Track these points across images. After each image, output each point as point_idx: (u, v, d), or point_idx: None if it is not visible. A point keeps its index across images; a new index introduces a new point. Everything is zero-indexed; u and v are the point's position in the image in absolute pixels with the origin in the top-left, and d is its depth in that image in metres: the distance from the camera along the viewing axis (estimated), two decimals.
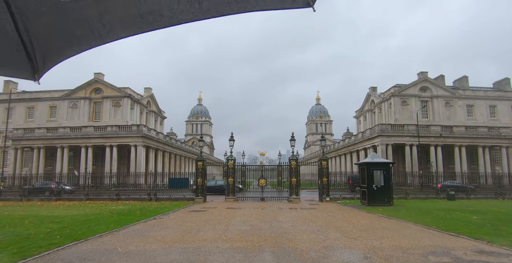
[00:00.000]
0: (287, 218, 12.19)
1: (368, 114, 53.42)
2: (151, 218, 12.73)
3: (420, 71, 45.31)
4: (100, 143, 39.73)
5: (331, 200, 22.00)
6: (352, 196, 23.16)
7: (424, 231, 9.34)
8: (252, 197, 22.53)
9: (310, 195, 27.92)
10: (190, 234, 8.90)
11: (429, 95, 44.71)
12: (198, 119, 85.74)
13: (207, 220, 11.89)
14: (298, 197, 22.14)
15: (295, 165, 22.54)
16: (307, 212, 14.37)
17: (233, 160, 22.59)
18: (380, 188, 17.43)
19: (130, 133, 39.44)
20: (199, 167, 21.99)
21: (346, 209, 16.03)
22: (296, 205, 18.52)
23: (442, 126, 40.62)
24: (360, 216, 13.15)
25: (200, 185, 21.69)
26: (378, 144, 39.73)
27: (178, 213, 14.64)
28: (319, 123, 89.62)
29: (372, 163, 17.72)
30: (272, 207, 17.08)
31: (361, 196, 18.76)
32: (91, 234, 9.00)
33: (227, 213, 14.02)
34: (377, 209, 15.64)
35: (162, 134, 46.14)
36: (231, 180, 22.27)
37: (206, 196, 22.79)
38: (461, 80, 47.89)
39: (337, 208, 16.52)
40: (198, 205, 18.76)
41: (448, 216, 12.90)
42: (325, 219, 12.07)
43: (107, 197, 23.49)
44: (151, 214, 14.14)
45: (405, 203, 19.76)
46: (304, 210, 15.35)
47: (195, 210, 15.56)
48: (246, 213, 14.19)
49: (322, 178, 22.08)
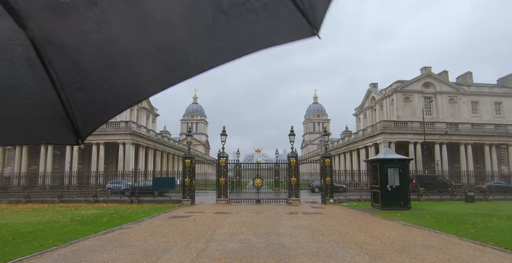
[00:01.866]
0: (289, 229, 9.31)
1: (368, 111, 50.65)
2: (116, 228, 9.80)
3: (423, 66, 42.65)
4: (87, 140, 35.96)
5: (335, 202, 19.17)
6: (358, 198, 20.32)
7: (485, 251, 6.50)
8: (247, 198, 19.62)
9: (310, 196, 25.10)
10: (149, 259, 5.99)
11: (433, 91, 42.06)
12: (193, 118, 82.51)
13: (185, 231, 8.97)
14: (298, 198, 19.27)
15: (295, 162, 19.67)
16: (312, 219, 11.48)
17: (225, 157, 19.68)
18: (396, 188, 14.60)
19: (118, 129, 36.36)
20: (186, 165, 19.06)
21: (358, 214, 13.18)
22: (297, 209, 15.65)
23: (447, 124, 37.99)
24: (380, 224, 10.29)
25: (187, 185, 18.76)
26: (380, 141, 37.00)
27: (154, 220, 11.70)
28: (316, 122, 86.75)
29: (386, 159, 14.88)
30: (269, 211, 14.20)
31: (372, 198, 15.92)
32: (8, 258, 6.08)
33: (213, 221, 11.10)
34: (394, 214, 12.83)
35: (153, 132, 43.08)
36: (223, 180, 19.35)
37: (195, 198, 19.86)
38: (465, 77, 45.29)
39: (346, 213, 13.66)
40: (184, 209, 15.83)
41: (490, 225, 10.08)
42: (338, 230, 9.19)
43: (84, 199, 20.47)
44: (119, 221, 11.20)
45: (420, 205, 16.95)
46: (308, 216, 12.47)
47: (176, 216, 12.63)
48: (237, 220, 11.28)
49: (325, 177, 19.23)
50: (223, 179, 19.33)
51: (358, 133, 43.80)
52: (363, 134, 41.34)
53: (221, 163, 19.47)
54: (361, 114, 53.08)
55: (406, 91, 41.64)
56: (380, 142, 37.13)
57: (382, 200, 14.65)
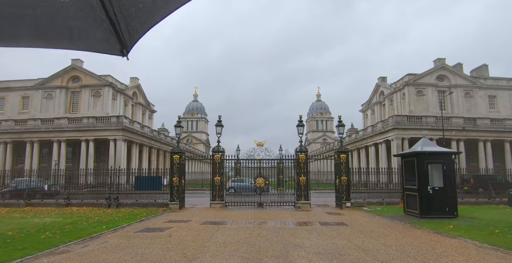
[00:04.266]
0: (310, 256, 5.76)
1: (376, 107, 46.91)
2: (45, 252, 6.27)
3: (437, 58, 38.94)
4: (74, 136, 33.20)
5: (352, 205, 15.57)
6: (380, 200, 16.70)
7: None
8: (247, 201, 16.06)
9: (318, 198, 21.40)
10: None
11: (447, 84, 38.33)
12: (193, 116, 78.85)
13: (143, 261, 5.43)
14: (308, 201, 15.69)
15: (304, 158, 16.10)
16: (338, 236, 7.88)
17: (220, 153, 16.12)
18: (439, 190, 10.99)
19: (109, 125, 32.87)
20: (175, 161, 15.52)
21: (395, 226, 9.56)
22: (309, 215, 12.06)
23: (464, 119, 34.30)
24: (442, 245, 6.68)
25: (176, 185, 15.21)
26: (392, 138, 33.34)
27: (113, 236, 8.14)
28: (319, 120, 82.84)
29: (427, 153, 11.26)
30: (275, 220, 10.62)
31: (405, 202, 12.30)
32: None
33: (196, 238, 7.53)
34: (444, 226, 9.24)
35: (148, 128, 39.53)
36: (218, 179, 15.77)
37: (185, 200, 16.31)
38: (480, 70, 41.51)
39: (377, 223, 10.03)
40: (167, 216, 12.28)
41: None
42: (393, 260, 5.61)
43: (54, 202, 16.95)
44: (63, 238, 7.65)
45: (460, 211, 13.32)
46: (329, 229, 8.88)
47: (149, 229, 9.05)
48: (231, 237, 7.69)
49: (341, 176, 15.63)
50: (218, 178, 15.75)
51: (367, 129, 40.10)
52: (372, 130, 37.68)
53: (216, 159, 15.90)
54: (369, 110, 49.34)
55: (419, 85, 37.93)
56: (392, 138, 33.48)
57: (421, 205, 11.03)
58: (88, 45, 1.82)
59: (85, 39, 1.55)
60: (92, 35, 1.49)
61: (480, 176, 19.39)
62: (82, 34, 1.49)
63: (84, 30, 1.46)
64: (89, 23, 1.38)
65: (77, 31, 1.46)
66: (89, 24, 1.40)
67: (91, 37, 1.50)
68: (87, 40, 1.55)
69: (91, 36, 1.50)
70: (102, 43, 1.53)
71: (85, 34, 1.49)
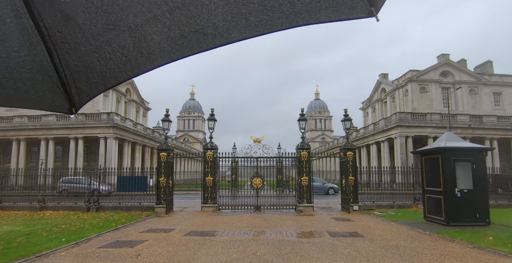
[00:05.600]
0: None
1: (377, 104, 45.12)
2: None
3: (440, 54, 37.22)
4: (63, 134, 31.21)
5: (360, 209, 13.78)
6: (390, 203, 14.90)
7: None
8: (243, 205, 14.21)
9: (319, 199, 19.58)
10: None
11: (451, 81, 36.63)
12: (190, 115, 76.60)
13: None
14: (311, 204, 13.89)
15: (307, 156, 14.29)
16: (354, 252, 6.05)
17: (213, 150, 14.27)
18: (468, 193, 9.20)
19: (99, 122, 30.90)
20: (162, 159, 13.66)
21: (423, 238, 7.71)
22: (314, 223, 10.23)
23: (470, 116, 32.64)
24: None
25: (163, 186, 13.35)
26: (396, 136, 31.65)
27: (69, 253, 6.25)
28: (318, 119, 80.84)
29: (453, 149, 9.45)
30: (275, 230, 8.78)
31: (425, 206, 10.47)
32: None
33: (172, 259, 5.68)
34: (483, 238, 7.46)
35: (141, 126, 37.57)
36: (210, 179, 13.91)
37: (173, 203, 14.44)
38: (485, 66, 39.82)
39: (399, 234, 8.19)
40: (148, 223, 10.41)
41: None
42: None
43: (28, 205, 15.03)
44: (5, 256, 5.81)
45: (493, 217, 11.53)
46: (341, 242, 7.06)
47: (119, 242, 7.18)
48: (217, 259, 5.85)
49: (348, 176, 13.83)
50: (210, 178, 13.90)
51: (368, 127, 38.35)
52: (374, 128, 35.94)
53: (207, 157, 14.04)
54: (369, 108, 47.55)
55: (422, 81, 36.20)
56: (395, 136, 31.80)
57: (447, 210, 9.22)
58: (37, 105, 1.76)
59: (34, 99, 1.51)
60: (42, 97, 1.47)
61: (500, 175, 17.63)
62: (32, 95, 1.47)
63: (34, 92, 1.44)
64: (40, 86, 1.37)
65: (26, 93, 1.44)
66: (40, 87, 1.38)
67: (40, 98, 1.48)
68: (36, 100, 1.52)
69: (40, 97, 1.47)
70: (52, 103, 1.52)
71: (35, 95, 1.47)
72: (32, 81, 1.34)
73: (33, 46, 1.17)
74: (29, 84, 1.36)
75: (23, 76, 1.31)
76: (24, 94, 1.45)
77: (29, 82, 1.35)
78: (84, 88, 1.40)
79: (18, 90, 1.41)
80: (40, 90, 1.42)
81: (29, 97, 1.49)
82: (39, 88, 1.40)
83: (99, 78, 1.34)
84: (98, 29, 1.12)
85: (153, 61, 1.25)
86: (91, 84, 1.38)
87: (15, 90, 1.41)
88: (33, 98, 1.50)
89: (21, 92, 1.43)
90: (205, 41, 1.12)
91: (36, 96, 1.48)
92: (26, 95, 1.48)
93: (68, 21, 1.08)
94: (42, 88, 1.40)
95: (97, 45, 1.18)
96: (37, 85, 1.37)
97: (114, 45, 1.18)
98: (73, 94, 1.40)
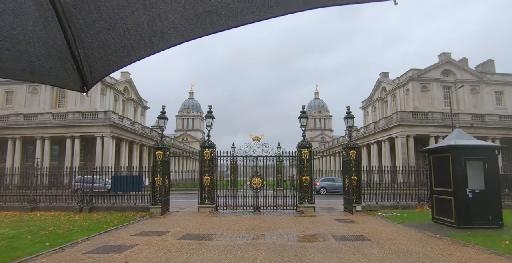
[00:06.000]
0: None
1: (378, 103, 44.58)
2: None
3: (442, 52, 36.71)
4: (59, 133, 30.60)
5: (363, 209, 13.25)
6: (394, 204, 14.36)
7: None
8: (241, 205, 13.64)
9: (320, 199, 19.05)
10: None
11: (453, 80, 36.12)
12: (189, 114, 75.83)
13: None
14: (313, 205, 13.34)
15: (308, 155, 13.73)
16: (363, 259, 5.46)
17: (211, 148, 13.72)
18: (480, 194, 8.66)
19: (96, 120, 30.32)
20: (158, 158, 13.10)
21: (435, 242, 7.15)
22: (317, 225, 9.67)
23: (472, 115, 32.14)
24: None
25: (159, 186, 12.79)
26: (397, 135, 31.14)
27: (51, 259, 5.66)
28: (317, 119, 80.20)
29: (464, 147, 8.91)
30: (275, 233, 8.23)
31: (434, 208, 9.91)
32: None
33: None
34: (495, 240, 6.96)
35: (139, 124, 36.97)
36: (208, 179, 13.34)
37: (169, 204, 13.86)
38: (486, 65, 39.32)
39: (408, 237, 7.63)
40: (142, 225, 9.84)
41: None
42: None
43: (19, 206, 14.45)
44: None
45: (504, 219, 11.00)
46: (348, 247, 6.51)
47: (107, 247, 6.62)
48: None
49: (351, 175, 13.28)
50: (208, 178, 13.33)
51: (369, 126, 37.81)
52: (375, 128, 35.42)
53: (205, 156, 13.48)
54: (370, 107, 47.01)
55: (424, 80, 35.68)
56: (396, 136, 31.29)
57: (458, 212, 8.68)
58: (50, 80, 1.76)
59: (47, 74, 1.50)
60: (55, 72, 1.45)
61: (505, 175, 17.12)
62: (45, 70, 1.46)
63: (47, 67, 1.42)
64: (53, 61, 1.36)
65: (39, 67, 1.42)
66: (53, 62, 1.37)
67: (53, 73, 1.46)
68: (50, 75, 1.50)
69: (53, 73, 1.45)
70: (64, 79, 1.52)
71: (48, 70, 1.46)
72: (45, 56, 1.33)
73: (48, 21, 1.16)
74: (43, 59, 1.35)
75: (37, 50, 1.30)
76: (38, 68, 1.45)
77: (43, 57, 1.35)
78: (96, 66, 1.41)
79: (32, 64, 1.40)
80: (54, 66, 1.41)
81: (42, 72, 1.48)
82: (52, 63, 1.39)
83: (113, 56, 1.34)
84: (113, 6, 1.11)
85: (166, 41, 1.24)
86: (104, 62, 1.38)
87: (29, 64, 1.40)
88: (46, 73, 1.50)
89: (35, 66, 1.43)
90: (219, 22, 1.11)
91: (49, 71, 1.47)
92: (39, 70, 1.47)
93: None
94: (55, 64, 1.39)
95: (112, 23, 1.17)
96: (50, 60, 1.37)
97: (128, 23, 1.17)
98: (86, 72, 1.41)
